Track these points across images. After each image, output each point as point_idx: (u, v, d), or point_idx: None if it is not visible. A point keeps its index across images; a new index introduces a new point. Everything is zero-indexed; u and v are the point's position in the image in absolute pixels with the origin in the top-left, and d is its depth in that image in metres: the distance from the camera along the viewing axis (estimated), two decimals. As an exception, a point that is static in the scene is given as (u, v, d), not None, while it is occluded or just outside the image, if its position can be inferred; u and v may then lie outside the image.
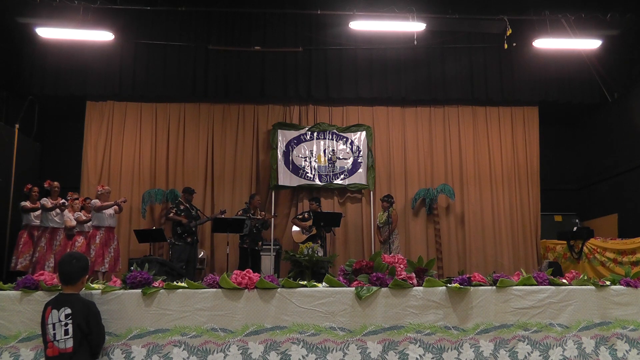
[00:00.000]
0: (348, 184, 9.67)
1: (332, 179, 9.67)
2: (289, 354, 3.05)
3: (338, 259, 8.21)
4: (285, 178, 9.53)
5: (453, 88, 9.76)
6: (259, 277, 3.16)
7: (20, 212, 7.84)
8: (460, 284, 3.27)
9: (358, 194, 9.80)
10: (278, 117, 9.89)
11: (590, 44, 8.76)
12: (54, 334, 2.73)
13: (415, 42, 8.47)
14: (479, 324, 3.24)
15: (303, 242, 8.70)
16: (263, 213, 8.79)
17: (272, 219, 9.04)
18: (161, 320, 3.02)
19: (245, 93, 9.62)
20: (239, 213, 8.57)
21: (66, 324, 2.74)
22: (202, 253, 9.04)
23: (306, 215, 9.00)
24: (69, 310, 2.76)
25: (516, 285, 3.36)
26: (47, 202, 7.59)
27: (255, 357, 3.03)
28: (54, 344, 2.73)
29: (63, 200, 7.72)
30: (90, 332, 2.80)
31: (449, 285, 3.28)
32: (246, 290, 3.12)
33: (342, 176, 9.69)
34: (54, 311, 2.77)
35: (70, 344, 2.74)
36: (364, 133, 9.82)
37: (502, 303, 3.29)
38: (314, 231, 8.78)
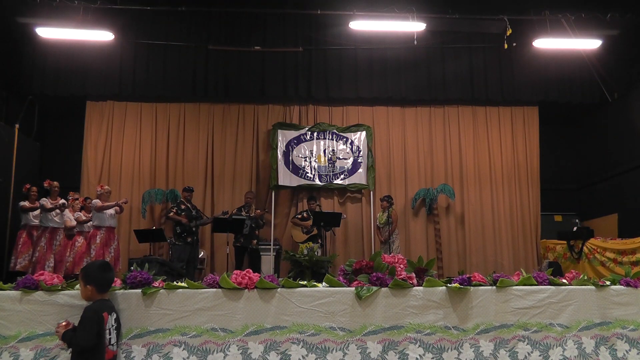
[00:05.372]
0: (348, 184, 9.67)
1: (332, 179, 9.67)
2: (289, 354, 3.05)
3: (338, 259, 8.21)
4: (285, 178, 9.53)
5: (453, 88, 9.76)
6: (259, 277, 3.16)
7: (19, 212, 7.83)
8: (460, 284, 3.26)
9: (358, 194, 9.80)
10: (278, 117, 9.89)
11: (590, 44, 8.76)
12: (110, 338, 2.84)
13: (415, 42, 8.46)
14: (479, 324, 3.24)
15: (303, 242, 8.70)
16: (258, 210, 8.77)
17: (263, 214, 8.88)
18: (161, 320, 3.02)
19: (245, 93, 9.62)
20: (233, 212, 8.50)
21: (116, 328, 2.88)
22: (202, 253, 9.04)
23: (305, 215, 8.99)
24: (116, 315, 2.91)
25: (516, 285, 3.36)
26: (46, 202, 7.58)
27: (255, 357, 3.02)
28: (109, 348, 2.83)
29: (63, 201, 7.71)
30: None
31: (449, 285, 3.28)
32: (246, 290, 3.12)
33: (342, 176, 9.69)
34: (109, 317, 2.85)
35: (117, 345, 2.89)
36: (364, 133, 9.82)
37: (502, 303, 3.29)
38: (315, 231, 8.77)
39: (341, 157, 9.77)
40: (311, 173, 9.65)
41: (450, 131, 10.05)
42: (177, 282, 3.19)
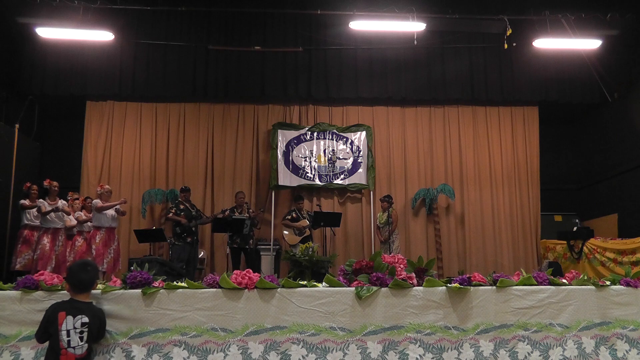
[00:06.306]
0: (348, 184, 9.67)
1: (332, 179, 9.67)
2: (289, 354, 3.05)
3: (338, 259, 8.20)
4: (285, 178, 9.53)
5: (453, 88, 9.76)
6: (259, 277, 3.16)
7: (19, 211, 7.82)
8: (460, 284, 3.27)
9: (358, 194, 9.80)
10: (278, 117, 9.89)
11: (590, 44, 8.76)
12: (69, 340, 2.74)
13: (415, 42, 8.47)
14: (479, 324, 3.24)
15: (297, 244, 8.61)
16: (252, 210, 8.74)
17: (257, 214, 8.82)
18: (161, 320, 3.03)
19: (245, 93, 9.62)
20: (226, 213, 8.37)
21: (82, 332, 2.77)
22: (202, 253, 9.04)
23: (294, 215, 8.91)
24: (86, 319, 2.80)
25: (516, 285, 3.36)
26: (43, 204, 7.53)
27: (255, 357, 3.03)
28: (67, 350, 2.73)
29: (62, 201, 7.70)
30: (98, 337, 2.89)
31: (449, 285, 3.28)
32: (246, 290, 3.12)
33: (342, 176, 9.69)
34: (69, 317, 2.77)
35: (84, 349, 2.78)
36: (364, 133, 9.82)
37: (502, 303, 3.29)
38: (307, 232, 8.72)
39: (341, 157, 9.77)
40: (311, 173, 9.65)
41: (450, 131, 10.05)
42: (177, 282, 3.19)
